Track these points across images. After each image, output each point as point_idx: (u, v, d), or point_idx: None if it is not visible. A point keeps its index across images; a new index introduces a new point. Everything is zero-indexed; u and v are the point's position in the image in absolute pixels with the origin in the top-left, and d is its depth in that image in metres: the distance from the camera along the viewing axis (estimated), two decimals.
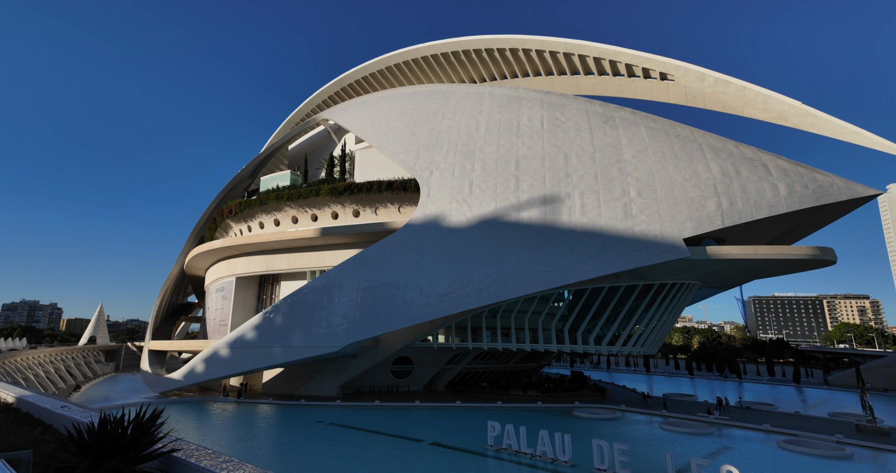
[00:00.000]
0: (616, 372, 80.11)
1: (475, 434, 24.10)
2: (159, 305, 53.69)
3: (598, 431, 25.68)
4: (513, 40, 44.30)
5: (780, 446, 22.04)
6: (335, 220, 40.66)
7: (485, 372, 43.68)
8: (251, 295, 44.76)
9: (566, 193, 31.07)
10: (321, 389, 36.68)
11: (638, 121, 33.42)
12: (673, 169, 29.79)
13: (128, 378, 62.03)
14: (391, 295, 31.84)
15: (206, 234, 51.36)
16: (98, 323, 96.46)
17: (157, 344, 46.03)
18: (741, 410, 33.76)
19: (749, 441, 23.71)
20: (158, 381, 38.47)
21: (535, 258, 30.00)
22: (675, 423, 27.07)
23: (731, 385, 63.15)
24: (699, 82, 33.29)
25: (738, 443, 23.14)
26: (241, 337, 33.54)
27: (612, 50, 37.68)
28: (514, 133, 35.30)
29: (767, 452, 21.26)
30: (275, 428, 26.69)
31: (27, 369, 43.55)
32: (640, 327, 34.41)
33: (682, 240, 27.77)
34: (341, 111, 49.77)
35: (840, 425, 27.81)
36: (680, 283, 33.25)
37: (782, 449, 21.64)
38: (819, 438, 23.58)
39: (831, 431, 25.51)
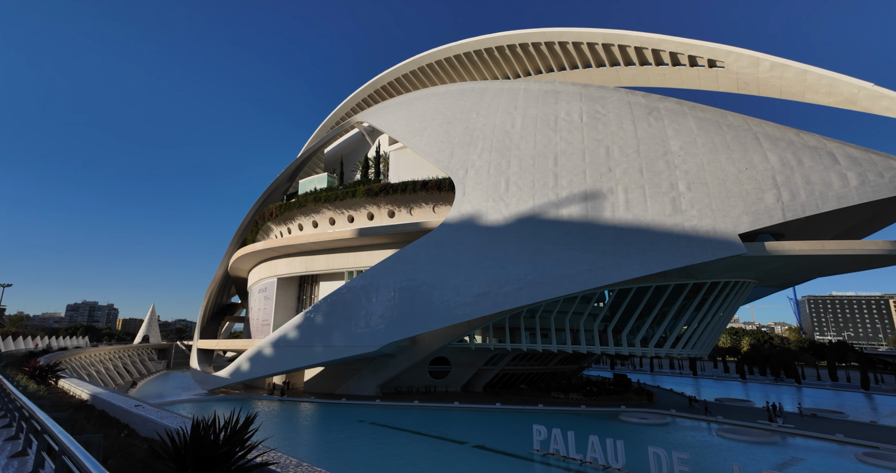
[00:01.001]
0: (660, 374, 76.89)
1: (519, 438, 23.43)
2: (205, 306, 55.91)
3: (650, 437, 24.41)
4: (548, 34, 43.19)
5: (860, 459, 20.11)
6: (371, 221, 40.93)
7: (523, 373, 42.75)
8: (292, 295, 45.78)
9: (609, 188, 29.83)
10: (360, 388, 36.94)
11: (685, 111, 31.67)
12: (725, 160, 27.97)
13: (178, 375, 65.10)
14: (428, 294, 31.61)
15: (248, 237, 53.05)
16: (150, 323, 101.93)
17: (204, 344, 47.90)
18: (803, 417, 31.33)
19: (821, 453, 21.80)
20: (207, 379, 39.93)
21: (576, 256, 28.95)
22: (734, 430, 25.36)
23: (789, 390, 59.12)
24: (753, 68, 31.13)
25: (809, 454, 21.31)
26: (284, 336, 34.25)
27: (655, 38, 35.94)
28: (551, 128, 34.30)
29: (845, 466, 19.42)
30: (318, 427, 26.98)
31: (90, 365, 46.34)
32: (690, 328, 32.57)
33: (738, 236, 26.00)
34: (375, 113, 50.16)
35: None
36: (734, 282, 31.22)
37: (862, 463, 19.72)
38: None
39: None
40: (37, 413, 4.26)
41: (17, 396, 6.26)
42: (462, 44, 51.20)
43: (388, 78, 59.85)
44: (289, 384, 38.36)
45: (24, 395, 6.25)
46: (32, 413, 4.57)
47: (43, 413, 4.24)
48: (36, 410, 4.37)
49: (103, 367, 51.77)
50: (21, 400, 5.75)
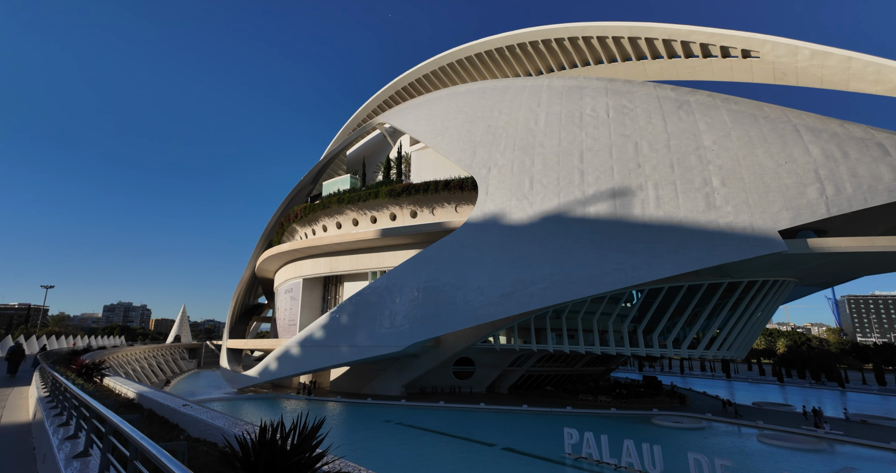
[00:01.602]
0: (691, 376, 74.51)
1: (549, 441, 22.93)
2: (234, 306, 57.20)
3: (686, 442, 23.50)
4: (571, 29, 42.38)
5: None
6: (393, 222, 40.99)
7: (549, 375, 42.03)
8: (317, 295, 46.30)
9: (638, 185, 28.94)
10: (385, 388, 36.99)
11: (717, 104, 30.46)
12: (763, 154, 26.72)
13: (208, 374, 66.83)
14: (452, 295, 31.37)
15: (274, 238, 54.01)
16: (182, 323, 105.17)
17: (233, 343, 48.98)
18: (850, 423, 29.67)
19: (876, 462, 20.50)
20: (236, 378, 40.75)
21: (604, 255, 28.19)
22: (776, 436, 24.15)
23: (832, 394, 56.34)
24: (791, 57, 29.66)
25: (862, 464, 20.04)
26: (310, 336, 34.60)
27: (684, 30, 34.73)
28: (576, 124, 33.57)
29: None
30: (347, 426, 27.07)
31: (127, 364, 47.99)
32: (725, 329, 31.28)
33: (777, 233, 24.78)
34: (396, 114, 50.29)
35: None
36: (773, 281, 29.83)
37: None
38: None
39: None
40: (109, 416, 4.10)
41: (79, 395, 6.10)
42: (483, 42, 50.81)
43: (409, 79, 59.98)
44: (315, 383, 38.76)
45: (87, 394, 6.15)
46: (100, 413, 4.44)
47: (115, 415, 4.10)
48: (107, 413, 4.23)
49: (139, 365, 53.55)
50: (85, 400, 5.51)
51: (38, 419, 9.12)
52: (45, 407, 9.48)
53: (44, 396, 11.28)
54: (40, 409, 9.49)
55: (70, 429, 6.94)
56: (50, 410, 9.17)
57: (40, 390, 12.57)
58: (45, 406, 9.66)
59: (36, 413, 10.05)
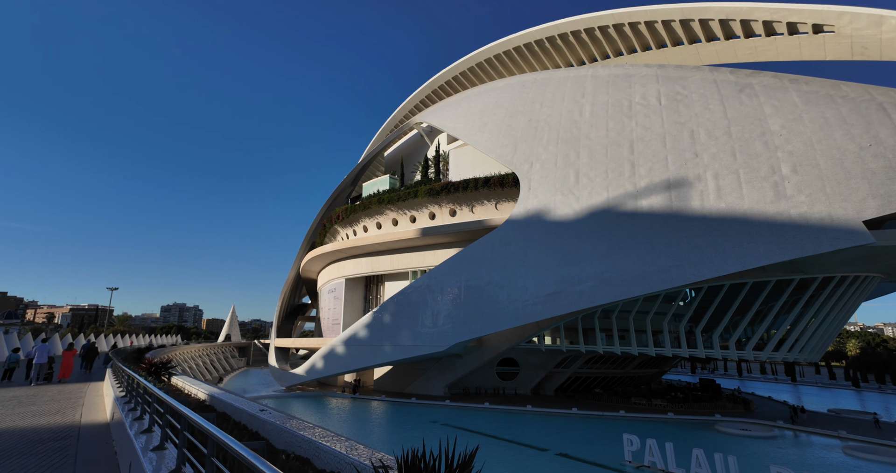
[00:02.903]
0: (750, 380, 69.79)
1: (605, 447, 21.68)
2: (280, 306, 58.87)
3: (757, 452, 21.53)
4: (616, 15, 40.40)
5: None
6: (432, 221, 40.60)
7: (598, 377, 40.28)
8: (359, 295, 46.72)
9: (696, 175, 26.97)
10: (429, 388, 36.65)
11: (785, 85, 27.89)
12: (842, 137, 24.13)
13: (257, 372, 69.31)
14: (495, 294, 30.52)
15: (317, 240, 55.09)
16: (232, 323, 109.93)
17: (281, 342, 50.32)
18: None
19: None
20: (285, 376, 41.72)
21: (659, 251, 26.44)
22: (865, 449, 21.68)
23: None
24: (874, 28, 26.62)
25: None
26: (354, 335, 34.79)
27: (745, 7, 32.09)
28: (624, 114, 31.83)
29: None
30: (393, 426, 26.88)
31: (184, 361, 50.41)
32: (797, 329, 28.65)
33: (862, 223, 22.27)
34: (433, 112, 49.92)
35: None
36: (853, 276, 27.00)
37: None
38: None
39: None
40: (211, 430, 3.60)
41: (166, 400, 5.66)
42: (521, 35, 49.54)
43: (445, 77, 59.55)
44: (360, 382, 39.00)
45: (172, 398, 5.69)
46: (192, 422, 3.97)
47: (218, 430, 3.64)
48: (208, 426, 3.76)
49: (194, 363, 56.15)
50: (173, 406, 5.08)
51: (118, 419, 9.14)
52: (124, 409, 9.51)
53: (120, 395, 11.44)
54: (118, 410, 9.55)
55: (155, 437, 6.65)
56: (129, 412, 9.14)
57: (115, 388, 12.88)
58: (122, 407, 9.72)
59: (114, 414, 10.18)
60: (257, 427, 6.38)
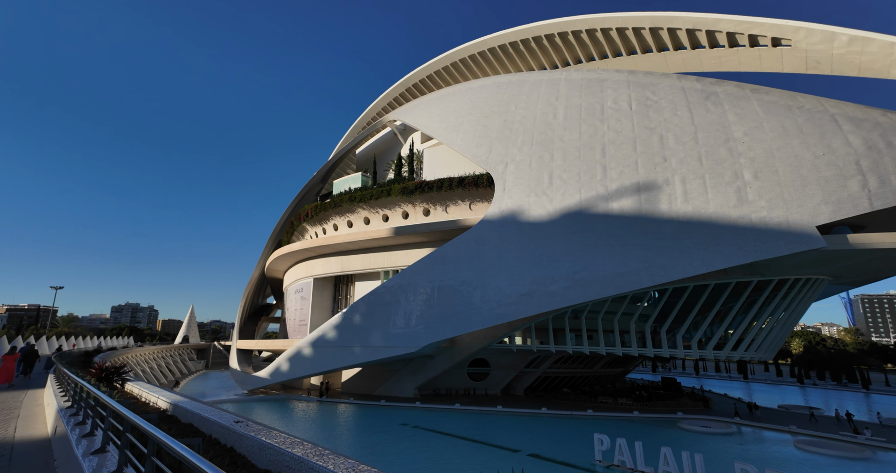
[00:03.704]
0: (706, 377, 72.99)
1: (575, 447, 21.83)
2: (243, 307, 56.57)
3: (718, 448, 22.29)
4: (589, 20, 41.18)
5: None
6: (406, 220, 40.04)
7: (566, 377, 40.86)
8: (328, 295, 45.47)
9: (664, 179, 27.74)
10: (399, 390, 36.06)
11: (747, 94, 29.17)
12: (799, 145, 25.43)
13: (217, 375, 66.34)
14: (469, 294, 30.35)
15: (283, 238, 53.27)
16: (190, 324, 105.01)
17: (243, 344, 48.27)
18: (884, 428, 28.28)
19: None
20: (247, 379, 39.99)
21: (630, 252, 27.02)
22: (817, 443, 22.86)
23: (855, 396, 54.66)
24: (827, 44, 28.30)
25: None
26: (322, 336, 33.73)
27: (710, 18, 33.43)
28: (597, 117, 32.41)
29: None
30: (362, 429, 26.16)
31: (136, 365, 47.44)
32: (755, 329, 29.98)
33: (815, 228, 23.50)
34: (408, 110, 49.33)
35: None
36: (805, 279, 28.51)
37: None
38: None
39: None
40: (190, 459, 2.85)
41: (123, 413, 4.81)
42: (496, 36, 49.72)
43: (420, 75, 59.00)
44: (328, 384, 37.89)
45: (136, 413, 4.72)
46: (172, 450, 3.14)
47: (186, 449, 2.95)
48: (184, 451, 2.99)
49: (148, 367, 53.04)
50: (135, 422, 4.27)
51: (61, 434, 7.87)
52: (69, 422, 8.20)
53: (65, 406, 9.95)
54: (62, 423, 8.29)
55: (110, 459, 5.57)
56: (75, 426, 7.84)
57: (59, 397, 11.45)
58: (67, 419, 8.41)
59: (57, 428, 8.82)
60: (233, 443, 5.61)
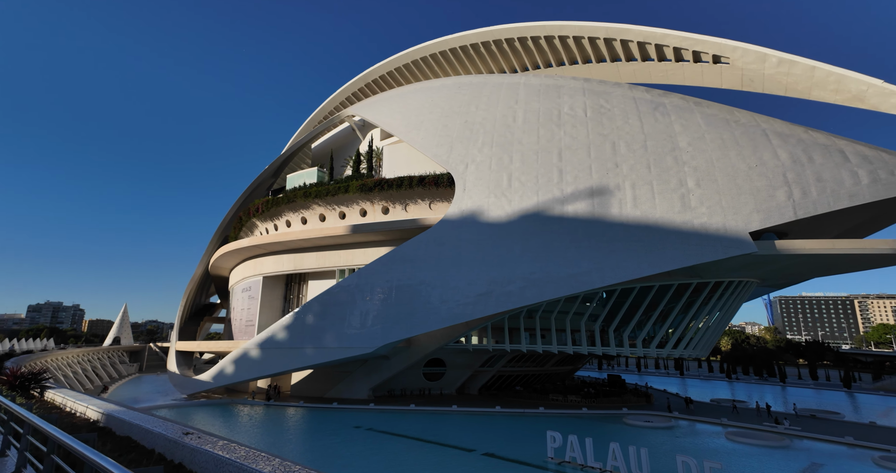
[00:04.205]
0: (647, 374, 77.18)
1: (528, 444, 22.22)
2: (184, 306, 53.04)
3: (659, 442, 23.54)
4: (548, 27, 42.26)
5: (879, 464, 19.61)
6: (364, 218, 39.21)
7: (519, 375, 41.70)
8: (278, 294, 43.60)
9: (616, 185, 28.96)
10: (352, 391, 35.22)
11: (691, 106, 31.11)
12: (735, 156, 27.44)
13: (152, 379, 61.71)
14: (427, 294, 30.16)
15: (230, 234, 50.53)
16: (122, 325, 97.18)
17: (184, 345, 45.22)
18: (800, 418, 31.16)
19: (838, 458, 21.28)
20: (187, 383, 37.47)
21: (583, 254, 27.97)
22: (745, 434, 24.72)
23: (774, 389, 59.94)
24: (759, 64, 30.78)
25: (827, 459, 20.75)
26: (272, 337, 32.25)
27: (659, 33, 35.34)
28: (554, 122, 33.31)
29: (869, 472, 18.85)
30: (313, 433, 25.23)
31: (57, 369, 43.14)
32: (692, 328, 32.02)
33: (749, 234, 25.43)
34: (368, 106, 48.39)
35: None
36: (738, 281, 30.80)
37: (882, 468, 19.22)
38: None
39: None
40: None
41: (42, 429, 3.91)
42: (458, 37, 49.87)
43: (380, 71, 58.06)
44: (277, 387, 36.27)
45: (57, 429, 3.79)
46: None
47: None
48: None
49: (71, 371, 48.44)
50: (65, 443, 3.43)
51: None
52: None
53: None
54: None
55: None
56: None
57: None
58: None
59: None
60: (182, 458, 4.85)
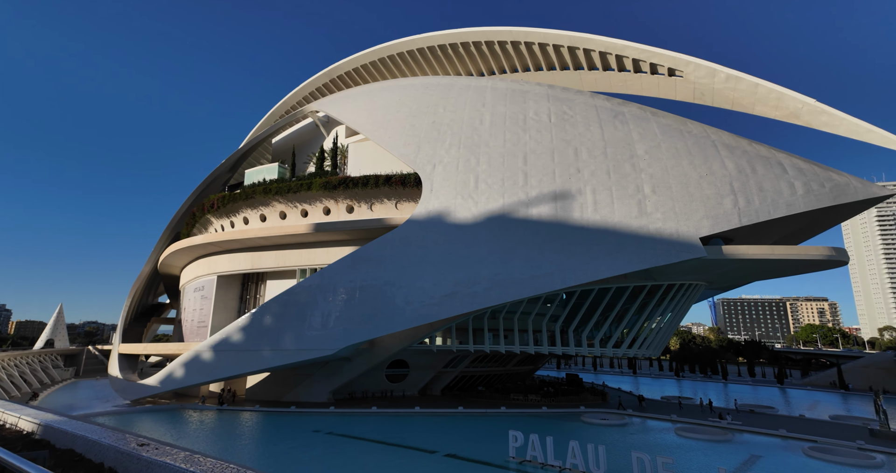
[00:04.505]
0: (602, 373, 79.96)
1: (490, 444, 22.45)
2: (129, 306, 49.75)
3: (615, 439, 24.45)
4: (515, 33, 43.01)
5: (807, 454, 21.29)
6: (327, 216, 38.31)
7: (481, 375, 42.08)
8: (233, 294, 41.77)
9: (577, 189, 29.86)
10: (311, 395, 34.28)
11: (648, 116, 32.59)
12: (688, 165, 29.00)
13: (90, 384, 57.44)
14: (392, 294, 29.85)
15: (182, 231, 47.91)
16: (57, 326, 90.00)
17: (128, 348, 42.38)
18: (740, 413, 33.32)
19: (773, 449, 22.90)
20: (130, 388, 35.14)
21: (546, 256, 28.61)
22: (692, 429, 26.14)
23: (717, 386, 63.73)
24: (710, 78, 32.73)
25: (764, 451, 22.28)
26: (227, 339, 30.83)
27: (619, 44, 36.82)
28: (520, 127, 33.92)
29: (799, 462, 20.40)
30: (268, 438, 24.28)
31: None
32: (646, 329, 33.52)
33: (699, 239, 26.93)
34: (333, 102, 47.37)
35: (852, 430, 27.51)
36: (688, 284, 32.54)
37: (811, 458, 20.87)
38: (842, 445, 22.98)
39: (846, 436, 25.09)
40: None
41: None
42: (425, 37, 49.84)
43: (346, 67, 57.06)
44: (231, 391, 34.72)
45: None
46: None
47: None
48: None
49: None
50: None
51: None
52: None
53: None
54: None
55: None
56: None
57: None
58: None
59: None
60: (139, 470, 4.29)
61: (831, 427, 28.79)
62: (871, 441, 24.28)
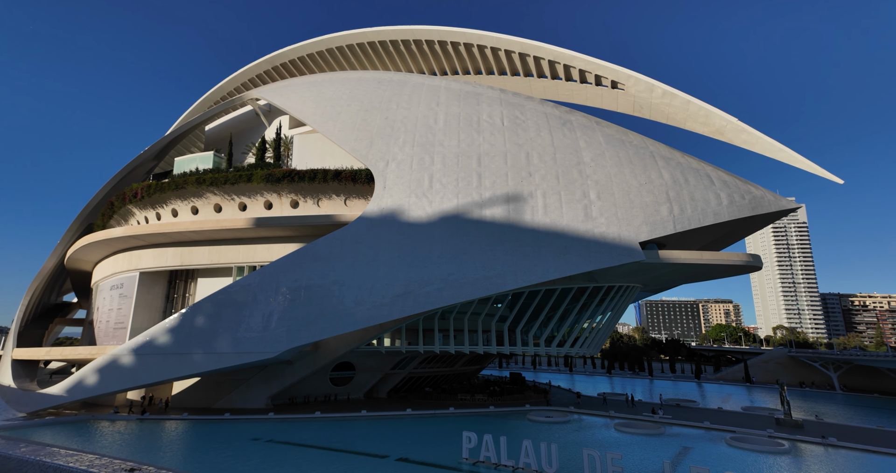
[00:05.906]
0: (541, 371, 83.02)
1: (442, 446, 22.25)
2: (27, 305, 43.53)
3: (559, 436, 25.24)
4: (468, 35, 43.36)
5: (730, 444, 23.34)
6: (269, 211, 36.08)
7: (429, 376, 41.81)
8: (158, 293, 38.02)
9: (529, 192, 30.58)
10: (248, 401, 32.05)
11: (593, 125, 34.21)
12: (629, 174, 30.78)
13: None
14: (341, 294, 28.65)
15: (97, 222, 42.84)
16: None
17: (25, 353, 36.98)
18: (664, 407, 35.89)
19: (700, 440, 24.84)
20: (27, 398, 30.62)
21: (497, 257, 28.96)
22: (629, 424, 27.66)
23: (644, 382, 68.53)
24: (648, 93, 35.04)
25: (693, 443, 24.11)
26: (152, 341, 27.88)
27: (567, 54, 38.36)
28: (474, 128, 34.16)
29: (723, 452, 22.29)
30: (198, 448, 22.22)
31: None
32: (587, 329, 35.11)
33: (638, 244, 28.63)
34: (276, 91, 44.79)
35: (761, 419, 30.67)
36: (627, 286, 34.52)
37: (733, 447, 22.88)
38: (756, 434, 25.44)
39: (758, 425, 27.88)
40: None
41: None
42: (377, 31, 48.81)
43: (290, 55, 54.39)
44: (152, 398, 31.44)
45: None
46: None
47: None
48: None
49: None
50: None
51: None
52: None
53: None
54: None
55: None
56: None
57: None
58: None
59: None
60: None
61: (744, 417, 31.89)
62: (778, 429, 27.16)
